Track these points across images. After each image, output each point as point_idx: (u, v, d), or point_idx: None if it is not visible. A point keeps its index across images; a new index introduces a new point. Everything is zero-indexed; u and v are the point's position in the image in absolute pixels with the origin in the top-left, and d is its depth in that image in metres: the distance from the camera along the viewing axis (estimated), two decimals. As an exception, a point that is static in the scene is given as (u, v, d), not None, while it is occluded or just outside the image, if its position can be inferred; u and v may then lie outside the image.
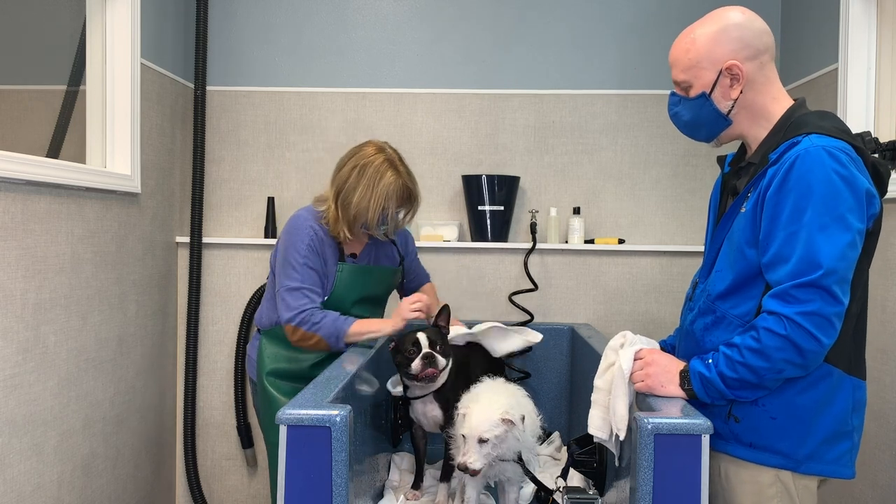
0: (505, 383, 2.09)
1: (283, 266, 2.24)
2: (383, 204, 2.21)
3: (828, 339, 1.44)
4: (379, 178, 2.20)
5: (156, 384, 2.95)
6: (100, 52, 2.60)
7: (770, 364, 1.47)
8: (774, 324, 1.44)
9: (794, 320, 1.42)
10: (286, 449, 1.54)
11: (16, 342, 2.04)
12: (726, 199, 1.73)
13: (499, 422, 1.86)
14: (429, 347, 2.11)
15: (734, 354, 1.50)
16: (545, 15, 3.18)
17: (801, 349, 1.43)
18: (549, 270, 3.15)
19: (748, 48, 1.58)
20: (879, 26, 2.52)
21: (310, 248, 2.23)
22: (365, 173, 2.21)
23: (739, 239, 1.57)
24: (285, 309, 2.21)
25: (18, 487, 2.05)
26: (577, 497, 1.88)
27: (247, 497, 3.25)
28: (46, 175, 2.13)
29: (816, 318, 1.42)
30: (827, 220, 1.43)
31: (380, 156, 2.24)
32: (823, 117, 1.57)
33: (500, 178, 3.05)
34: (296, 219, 2.30)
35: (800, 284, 1.42)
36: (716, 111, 1.62)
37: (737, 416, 1.58)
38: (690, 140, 3.17)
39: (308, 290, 2.22)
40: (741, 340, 1.50)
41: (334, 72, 3.21)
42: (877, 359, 2.30)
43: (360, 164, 2.23)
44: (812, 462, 1.54)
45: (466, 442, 1.87)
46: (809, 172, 1.44)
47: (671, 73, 1.67)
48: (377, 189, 2.19)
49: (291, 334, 2.23)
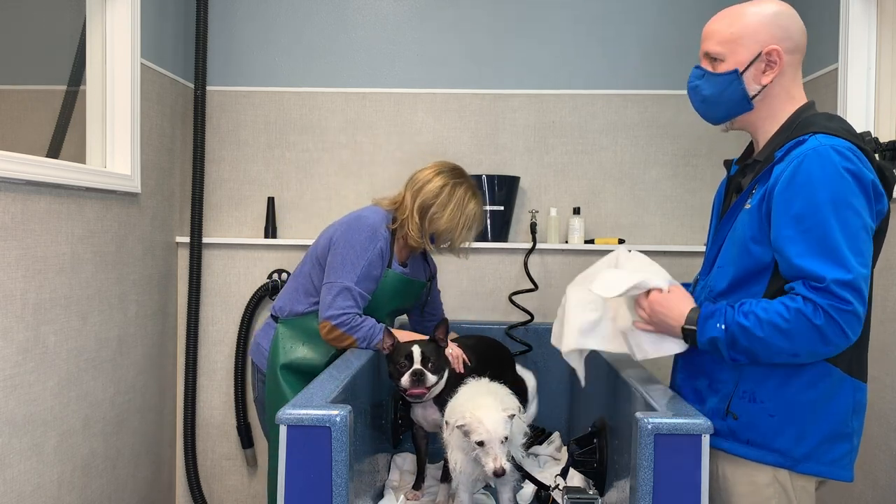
0: (489, 383, 2.08)
1: (344, 263, 2.25)
2: (471, 225, 2.36)
3: (855, 336, 1.45)
4: (467, 201, 2.34)
5: (156, 384, 2.95)
6: (100, 52, 2.60)
7: (791, 347, 1.46)
8: (811, 312, 1.42)
9: (830, 314, 1.41)
10: (286, 449, 1.54)
11: (16, 342, 2.04)
12: (730, 196, 1.73)
13: (507, 418, 1.88)
14: (421, 363, 2.11)
15: (754, 327, 1.47)
16: (545, 15, 3.18)
17: (829, 342, 1.43)
18: (549, 270, 3.15)
19: (791, 40, 1.58)
20: (879, 26, 2.52)
21: (379, 255, 2.29)
22: (455, 193, 2.33)
23: (743, 235, 1.57)
24: (330, 306, 2.23)
25: (18, 487, 2.05)
26: (577, 497, 1.89)
27: (247, 497, 3.25)
28: (46, 175, 2.13)
29: (851, 316, 1.42)
30: (846, 215, 1.43)
31: (466, 181, 2.38)
32: (831, 119, 1.57)
33: (500, 178, 3.05)
34: (368, 220, 2.31)
35: (839, 281, 1.41)
36: (742, 92, 1.59)
37: (735, 413, 1.58)
38: (690, 140, 3.13)
39: (359, 294, 2.25)
40: (765, 315, 1.46)
41: (334, 72, 3.21)
42: (877, 359, 2.30)
43: (451, 182, 2.34)
44: (810, 462, 1.54)
45: (489, 446, 1.85)
46: (821, 169, 1.44)
47: (702, 45, 1.64)
48: (466, 210, 2.34)
49: (328, 331, 2.25)
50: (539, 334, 2.95)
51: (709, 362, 1.65)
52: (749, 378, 1.57)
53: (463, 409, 1.91)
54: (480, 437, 1.85)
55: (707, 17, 1.73)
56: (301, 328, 2.35)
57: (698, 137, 3.16)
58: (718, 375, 1.63)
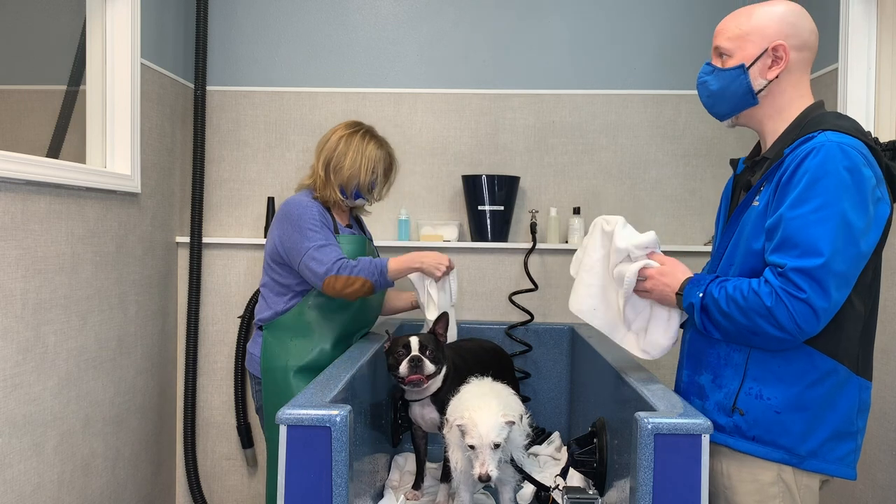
0: (491, 383, 2.08)
1: (302, 232, 2.31)
2: (373, 167, 2.42)
3: (808, 328, 1.47)
4: (365, 145, 2.42)
5: (156, 384, 2.95)
6: (100, 52, 2.60)
7: (747, 324, 1.51)
8: (765, 293, 1.48)
9: (780, 297, 1.45)
10: (286, 449, 1.54)
11: (16, 342, 2.04)
12: (738, 194, 1.74)
13: (504, 424, 1.87)
14: (419, 351, 2.13)
15: (722, 300, 1.54)
16: (545, 15, 3.18)
17: (780, 326, 1.47)
18: (549, 270, 3.15)
19: (798, 38, 1.60)
20: (879, 26, 2.52)
21: (321, 216, 2.36)
22: (352, 141, 2.41)
23: (750, 232, 1.58)
24: (319, 264, 2.27)
25: (18, 487, 2.05)
26: (577, 497, 1.88)
27: (247, 497, 3.25)
28: (46, 175, 2.13)
29: (803, 305, 1.44)
30: (830, 212, 1.44)
31: (360, 127, 2.47)
32: (840, 118, 1.58)
33: (500, 178, 3.05)
34: (293, 200, 2.40)
35: (798, 269, 1.44)
36: (747, 86, 1.62)
37: (741, 409, 1.58)
38: (690, 140, 3.14)
39: (334, 245, 2.32)
40: (731, 291, 1.53)
41: (334, 72, 3.21)
42: (878, 359, 2.30)
43: (346, 133, 2.43)
44: (815, 460, 1.54)
45: (479, 450, 1.85)
46: (821, 165, 1.46)
47: (714, 41, 1.68)
48: (366, 153, 2.41)
49: (333, 284, 2.27)
50: (539, 334, 2.95)
51: (713, 358, 1.66)
52: (756, 375, 1.58)
53: (463, 409, 1.91)
54: (472, 440, 1.85)
55: (708, 17, 1.74)
56: (285, 327, 2.38)
57: (698, 137, 3.16)
58: (723, 371, 1.63)
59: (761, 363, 1.57)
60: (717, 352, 1.65)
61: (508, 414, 1.89)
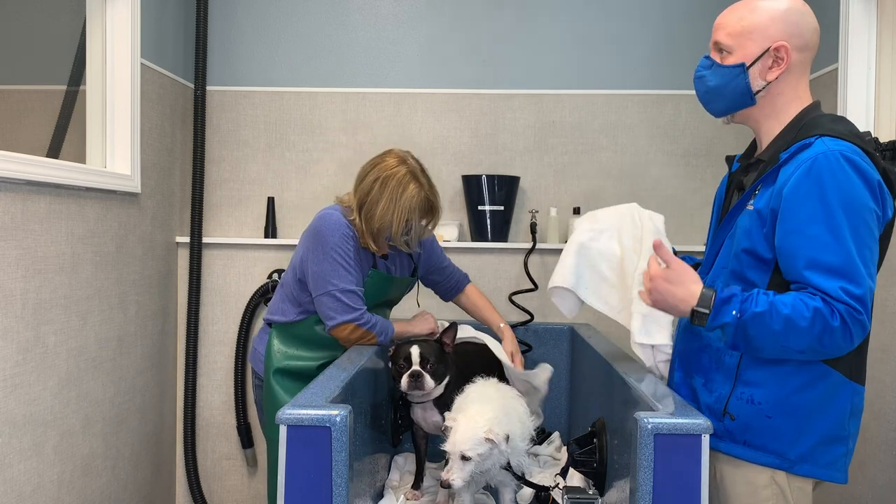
0: (497, 385, 2.06)
1: (333, 266, 2.19)
2: (407, 217, 2.20)
3: (855, 345, 1.46)
4: (402, 192, 2.18)
5: (156, 384, 2.95)
6: (100, 52, 2.60)
7: (800, 343, 1.43)
8: (829, 313, 1.41)
9: (845, 318, 1.40)
10: (286, 449, 1.54)
11: (16, 342, 2.04)
12: (731, 195, 1.73)
13: (482, 440, 1.82)
14: (419, 365, 2.11)
15: (771, 318, 1.43)
16: (545, 15, 3.18)
17: (836, 345, 1.43)
18: (549, 270, 3.15)
19: (800, 38, 1.56)
20: (879, 26, 2.52)
21: (355, 250, 2.24)
22: (387, 186, 2.19)
23: (744, 235, 1.56)
24: (344, 311, 2.19)
25: (18, 487, 2.05)
26: (577, 497, 1.88)
27: (247, 497, 3.25)
28: (46, 175, 2.13)
29: (860, 326, 1.42)
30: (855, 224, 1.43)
31: (402, 168, 2.22)
32: (836, 121, 1.56)
33: (500, 178, 3.05)
34: (331, 218, 2.24)
35: (851, 294, 1.41)
36: (746, 86, 1.58)
37: (732, 413, 1.58)
38: (690, 140, 3.14)
39: (361, 291, 2.23)
40: (784, 308, 1.42)
41: (334, 72, 3.21)
42: (877, 358, 2.30)
43: (383, 176, 2.20)
44: (805, 463, 1.54)
45: (450, 457, 1.83)
46: (832, 176, 1.43)
47: (713, 35, 1.63)
48: (400, 202, 2.18)
49: (350, 332, 2.21)
50: (539, 334, 2.95)
51: (706, 361, 1.65)
52: (747, 379, 1.57)
53: (458, 410, 1.91)
54: (445, 444, 1.83)
55: (709, 17, 1.73)
56: (293, 335, 2.35)
57: (698, 137, 3.16)
58: (714, 375, 1.63)
59: (753, 368, 1.56)
60: (707, 355, 1.64)
61: (493, 432, 1.83)
